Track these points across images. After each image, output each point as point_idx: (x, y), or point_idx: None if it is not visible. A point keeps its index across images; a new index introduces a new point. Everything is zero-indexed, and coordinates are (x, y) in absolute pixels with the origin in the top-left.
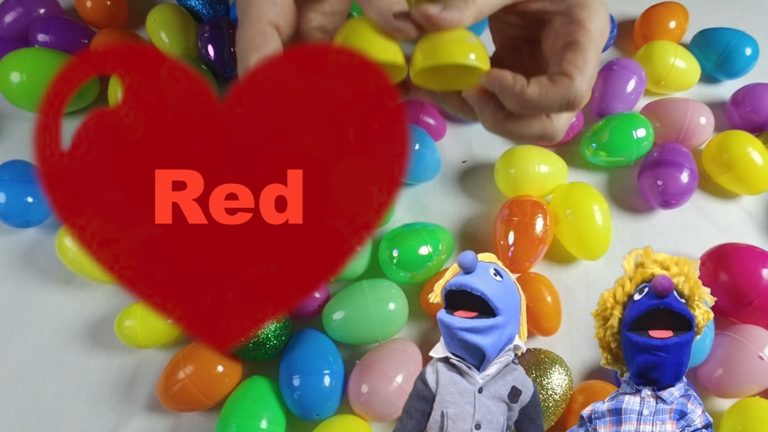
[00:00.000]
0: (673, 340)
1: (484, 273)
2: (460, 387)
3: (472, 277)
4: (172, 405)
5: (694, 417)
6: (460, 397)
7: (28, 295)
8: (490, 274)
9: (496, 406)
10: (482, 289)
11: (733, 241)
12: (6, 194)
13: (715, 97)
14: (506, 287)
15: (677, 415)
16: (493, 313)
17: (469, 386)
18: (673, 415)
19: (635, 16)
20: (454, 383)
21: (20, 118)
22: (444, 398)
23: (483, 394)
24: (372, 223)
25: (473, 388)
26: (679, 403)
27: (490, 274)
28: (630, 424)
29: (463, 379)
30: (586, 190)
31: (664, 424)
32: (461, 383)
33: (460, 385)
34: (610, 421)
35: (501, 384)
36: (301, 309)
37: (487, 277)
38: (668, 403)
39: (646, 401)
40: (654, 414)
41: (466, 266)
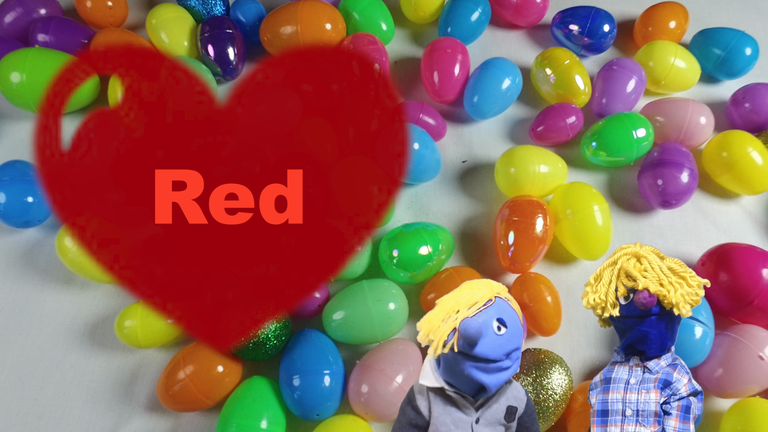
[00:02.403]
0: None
1: (488, 333)
2: (455, 417)
3: (478, 348)
4: (172, 405)
5: (679, 386)
6: (456, 428)
7: (28, 295)
8: (493, 333)
9: (494, 431)
10: (486, 354)
11: (733, 241)
12: (6, 194)
13: (715, 97)
14: (511, 334)
15: (661, 384)
16: None
17: (465, 417)
18: (658, 384)
19: (635, 16)
20: (448, 414)
21: (20, 118)
22: (438, 429)
23: (480, 424)
24: (372, 223)
25: (470, 419)
26: (664, 372)
27: (493, 331)
28: (617, 393)
29: (457, 409)
30: (586, 190)
31: (649, 393)
32: (456, 414)
33: (455, 416)
34: (601, 390)
35: (496, 408)
36: (301, 309)
37: (491, 340)
38: (653, 373)
39: (633, 371)
40: (640, 383)
41: (472, 343)
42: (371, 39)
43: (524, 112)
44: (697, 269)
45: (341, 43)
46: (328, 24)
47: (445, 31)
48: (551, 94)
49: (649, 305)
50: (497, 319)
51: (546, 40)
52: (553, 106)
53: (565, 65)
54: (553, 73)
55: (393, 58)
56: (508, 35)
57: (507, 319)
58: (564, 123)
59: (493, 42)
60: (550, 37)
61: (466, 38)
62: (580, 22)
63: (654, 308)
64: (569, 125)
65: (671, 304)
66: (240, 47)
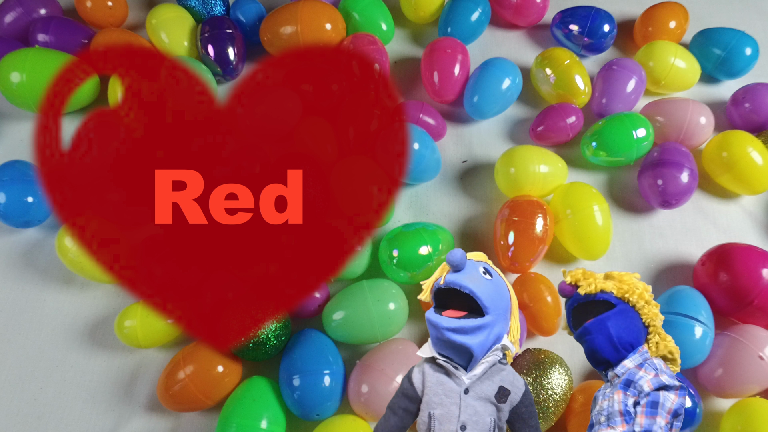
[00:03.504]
0: (589, 323)
1: (473, 271)
2: (447, 388)
3: (461, 275)
4: (172, 405)
5: (642, 382)
6: (447, 398)
7: (28, 295)
8: (479, 273)
9: (482, 407)
10: (471, 287)
11: (733, 241)
12: (6, 194)
13: (715, 97)
14: (496, 286)
15: (623, 384)
16: (481, 312)
17: (456, 387)
18: (620, 385)
19: (635, 16)
20: (440, 384)
21: (20, 118)
22: (431, 399)
23: (469, 395)
24: (372, 223)
25: (459, 389)
26: (629, 373)
27: (479, 272)
28: (598, 405)
29: (449, 379)
30: (586, 190)
31: (613, 396)
32: (448, 384)
33: (447, 386)
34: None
35: (488, 384)
36: (301, 309)
37: (476, 276)
38: (620, 375)
39: (611, 381)
40: (610, 389)
41: (455, 264)
42: (371, 39)
43: (524, 112)
44: (697, 269)
45: (341, 43)
46: (328, 24)
47: (445, 31)
48: (551, 94)
49: (566, 291)
50: (483, 267)
51: (546, 40)
52: (553, 106)
53: (565, 65)
54: (553, 73)
55: (393, 58)
56: (508, 35)
57: (493, 273)
58: (564, 123)
59: (493, 42)
60: (550, 37)
61: (466, 38)
62: (580, 22)
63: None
64: (569, 125)
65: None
66: (240, 47)
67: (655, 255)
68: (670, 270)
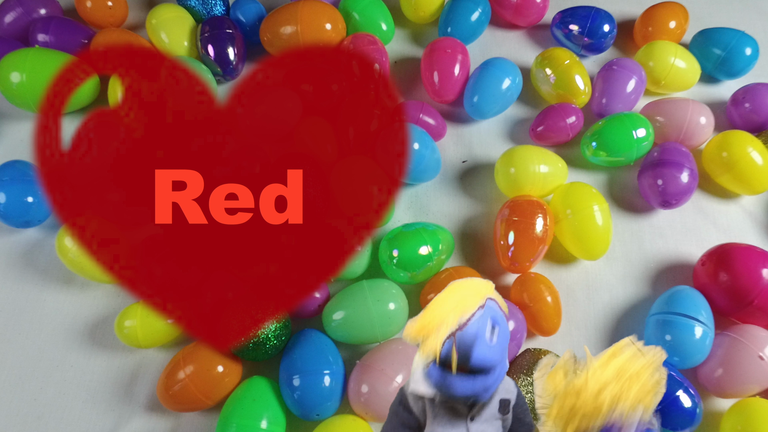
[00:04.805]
0: None
1: (482, 336)
2: (452, 418)
3: (474, 359)
4: (172, 405)
5: None
6: (452, 428)
7: (28, 295)
8: (486, 337)
9: (491, 426)
10: (484, 363)
11: (733, 241)
12: (6, 194)
13: (715, 97)
14: (502, 339)
15: None
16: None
17: (461, 417)
18: None
19: (635, 16)
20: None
21: (20, 118)
22: (435, 429)
23: (476, 421)
24: (372, 223)
25: (465, 418)
26: None
27: (486, 336)
28: None
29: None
30: (586, 190)
31: None
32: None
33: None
34: None
35: (491, 406)
36: (301, 309)
37: (484, 344)
38: None
39: None
40: None
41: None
42: (371, 39)
43: (524, 112)
44: (697, 269)
45: (341, 43)
46: (328, 24)
47: (445, 31)
48: (551, 94)
49: None
50: (491, 320)
51: (546, 40)
52: (553, 106)
53: (565, 65)
54: (553, 73)
55: (393, 58)
56: (508, 35)
57: (500, 321)
58: (564, 123)
59: (493, 42)
60: (550, 37)
61: (466, 38)
62: (580, 22)
63: None
64: (569, 125)
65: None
66: (240, 47)
67: (655, 255)
68: (670, 270)
